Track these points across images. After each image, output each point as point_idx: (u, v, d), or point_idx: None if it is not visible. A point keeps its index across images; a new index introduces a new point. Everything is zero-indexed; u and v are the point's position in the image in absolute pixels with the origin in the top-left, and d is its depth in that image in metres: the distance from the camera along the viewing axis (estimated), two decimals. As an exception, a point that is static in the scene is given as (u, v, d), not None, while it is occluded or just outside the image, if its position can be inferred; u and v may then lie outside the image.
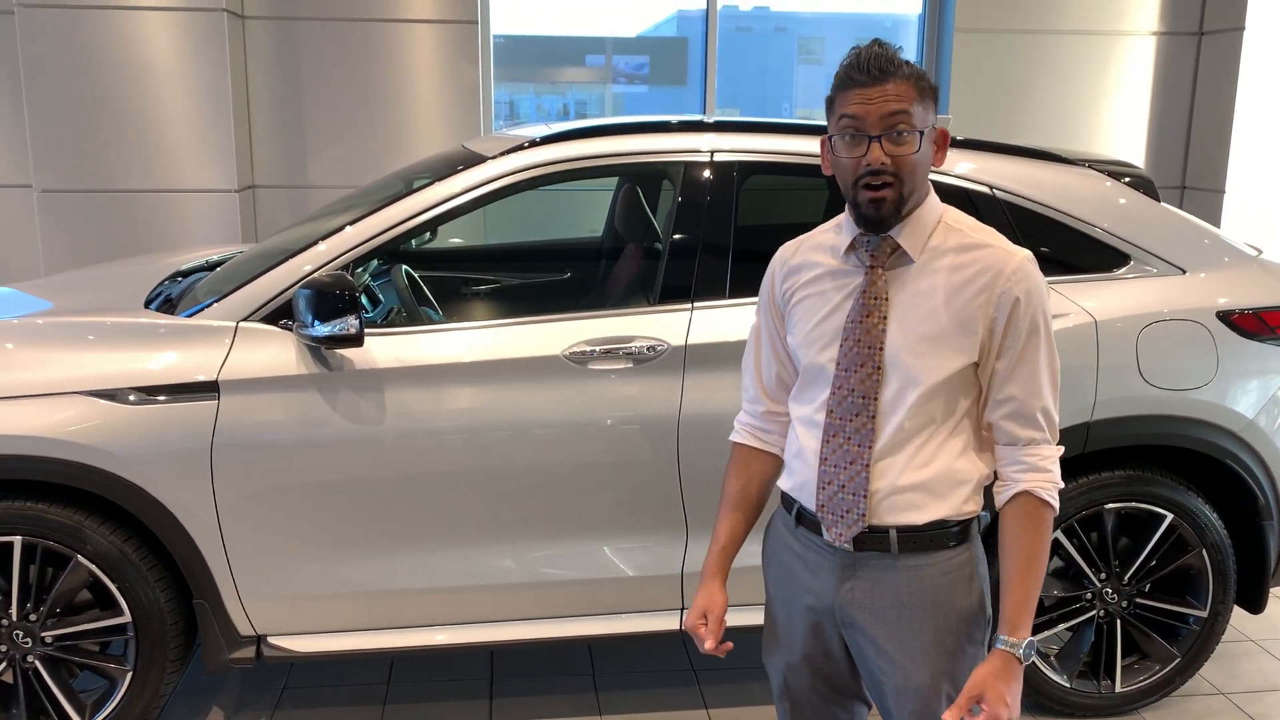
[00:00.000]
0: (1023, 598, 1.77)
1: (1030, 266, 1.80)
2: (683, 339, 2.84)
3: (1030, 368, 1.77)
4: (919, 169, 1.76)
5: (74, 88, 5.54)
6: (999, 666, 1.74)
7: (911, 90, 1.72)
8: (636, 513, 2.90)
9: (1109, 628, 3.12)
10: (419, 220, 2.86)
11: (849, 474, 1.80)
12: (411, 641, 2.93)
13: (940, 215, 1.82)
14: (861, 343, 1.79)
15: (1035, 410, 1.78)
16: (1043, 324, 1.78)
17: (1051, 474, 1.79)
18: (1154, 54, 6.88)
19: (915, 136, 1.72)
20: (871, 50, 1.74)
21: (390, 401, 2.75)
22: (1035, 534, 1.78)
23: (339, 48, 6.18)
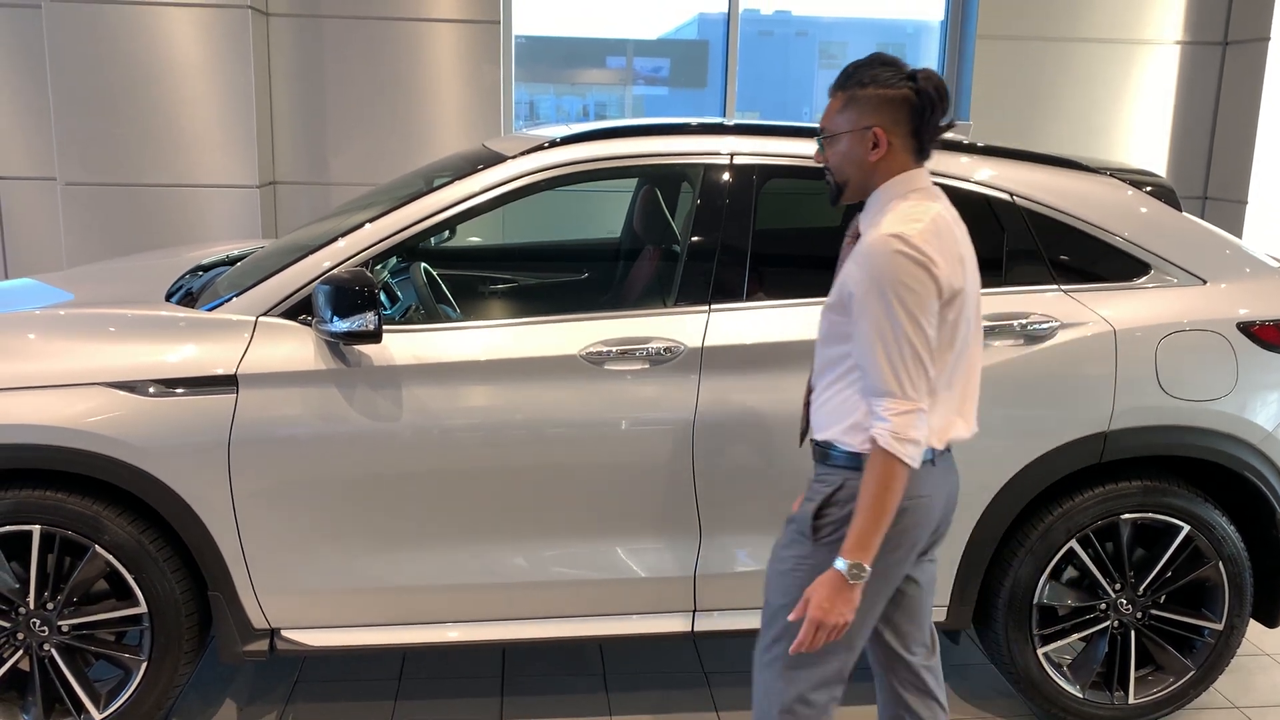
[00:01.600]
0: (857, 525, 2.05)
1: (877, 245, 2.02)
2: (699, 341, 2.84)
3: (865, 333, 2.03)
4: (841, 166, 2.15)
5: (99, 82, 5.59)
6: (824, 577, 2.07)
7: (838, 102, 2.14)
8: (650, 514, 2.90)
9: (1123, 639, 3.10)
10: (439, 219, 2.88)
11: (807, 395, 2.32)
12: (423, 638, 2.95)
13: (889, 203, 2.11)
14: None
15: (873, 367, 2.03)
16: (876, 295, 2.01)
17: (891, 425, 2.00)
18: (1178, 63, 6.84)
19: (831, 141, 2.15)
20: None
21: (407, 398, 2.76)
22: (872, 474, 2.04)
23: (361, 45, 6.21)
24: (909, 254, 1.99)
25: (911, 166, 2.15)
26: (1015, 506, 2.97)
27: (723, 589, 2.97)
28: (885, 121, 2.10)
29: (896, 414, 2.00)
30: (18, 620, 2.78)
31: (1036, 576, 3.01)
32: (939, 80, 2.10)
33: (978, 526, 2.97)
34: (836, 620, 2.06)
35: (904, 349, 2.00)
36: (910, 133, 2.12)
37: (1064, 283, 3.00)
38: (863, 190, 2.16)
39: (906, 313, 2.00)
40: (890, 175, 2.13)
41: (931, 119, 2.11)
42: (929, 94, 2.08)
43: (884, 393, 2.02)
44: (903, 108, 2.09)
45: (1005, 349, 2.91)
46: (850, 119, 2.11)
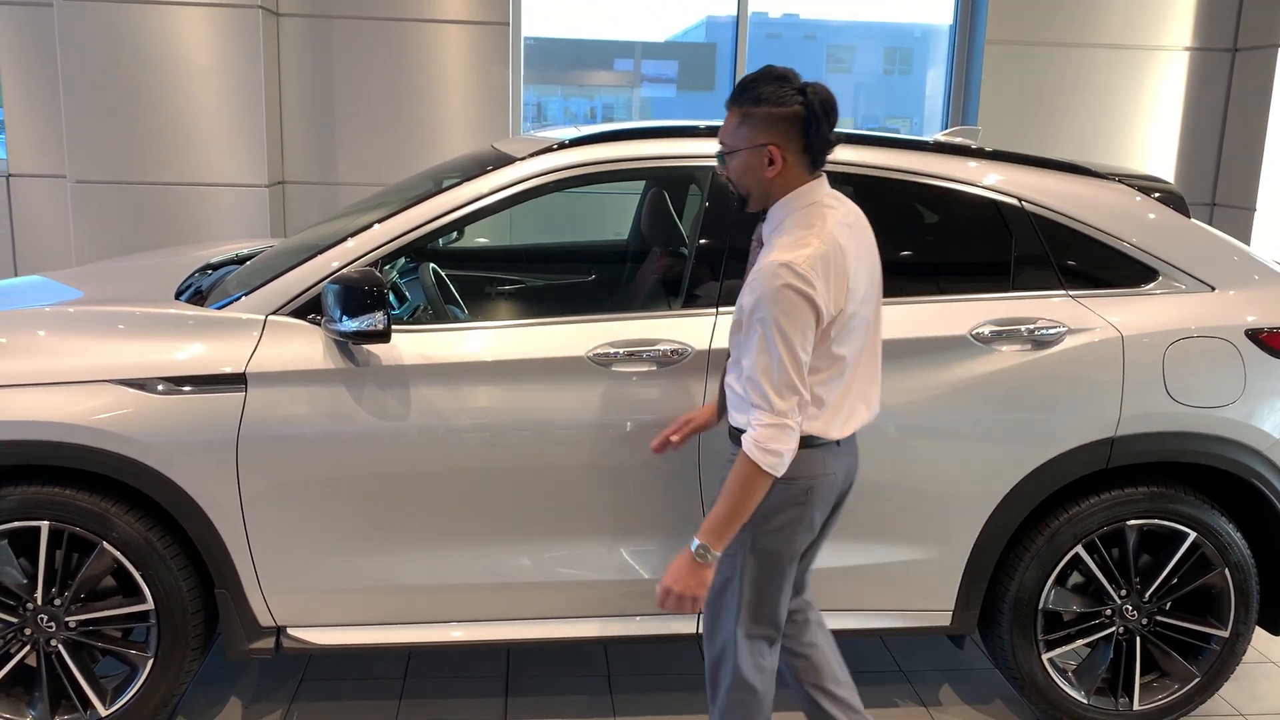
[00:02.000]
0: (715, 511, 2.25)
1: (766, 270, 2.18)
2: (707, 343, 2.84)
3: (751, 348, 2.21)
4: (742, 180, 2.31)
5: (109, 80, 5.61)
6: (681, 554, 2.26)
7: (734, 117, 2.27)
8: (656, 515, 2.90)
9: (1128, 645, 3.10)
10: (448, 219, 2.88)
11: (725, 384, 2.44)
12: (429, 637, 2.96)
13: (787, 214, 2.28)
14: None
15: (752, 383, 2.21)
16: (759, 313, 2.19)
17: (756, 435, 2.20)
18: (1187, 70, 6.83)
19: (730, 156, 2.29)
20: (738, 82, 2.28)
21: (415, 398, 2.77)
22: (735, 472, 2.23)
23: (371, 46, 6.23)
24: (793, 285, 2.16)
25: (806, 179, 2.30)
26: (1021, 511, 2.97)
27: (728, 591, 2.97)
28: (779, 139, 2.24)
29: (764, 426, 2.19)
30: (25, 616, 2.79)
31: (1042, 582, 3.01)
32: (827, 93, 2.25)
33: (984, 531, 2.97)
34: (684, 592, 2.24)
35: (778, 371, 2.18)
36: (802, 148, 2.26)
37: (1072, 288, 3.00)
38: (764, 201, 2.33)
39: (783, 339, 2.17)
40: (787, 189, 2.29)
41: (820, 132, 2.25)
42: (815, 109, 2.22)
43: (756, 405, 2.21)
44: (794, 124, 2.22)
45: (1012, 354, 2.91)
46: (746, 136, 2.25)
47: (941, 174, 3.04)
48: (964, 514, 2.96)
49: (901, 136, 3.25)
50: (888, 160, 3.04)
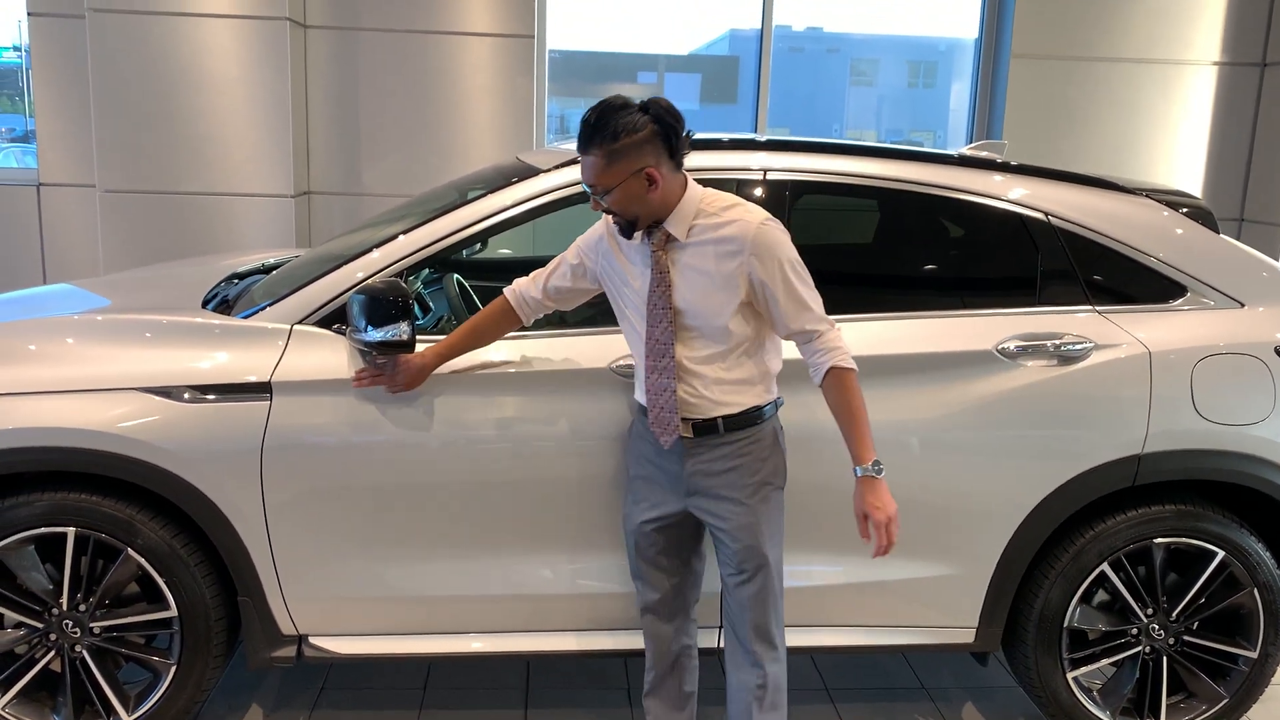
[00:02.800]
0: (857, 436, 2.46)
1: (763, 232, 2.40)
2: (728, 355, 2.83)
3: (788, 297, 2.42)
4: (628, 208, 2.42)
5: (138, 91, 5.67)
6: (863, 486, 2.46)
7: (599, 159, 2.38)
8: (679, 528, 2.89)
9: (1155, 665, 3.06)
10: (472, 230, 2.89)
11: (664, 399, 2.50)
12: (449, 648, 2.95)
13: (697, 204, 2.45)
14: (657, 305, 2.46)
15: (806, 319, 2.44)
16: (786, 268, 2.41)
17: (840, 348, 2.45)
18: (1215, 84, 6.79)
19: (607, 194, 2.40)
20: (582, 121, 2.40)
21: (439, 408, 2.78)
22: (848, 390, 2.45)
23: (397, 58, 6.27)
24: (780, 226, 2.45)
25: (682, 179, 2.48)
26: (1046, 528, 2.94)
27: (750, 605, 2.95)
28: (650, 160, 2.38)
29: (838, 339, 2.46)
30: (50, 621, 2.80)
31: (1067, 599, 2.99)
32: (668, 104, 2.40)
33: (1009, 547, 2.94)
34: (894, 509, 2.46)
35: (814, 293, 2.47)
36: (668, 156, 2.41)
37: (1099, 304, 2.98)
38: (654, 217, 2.45)
39: (803, 268, 2.47)
40: (674, 195, 2.45)
41: (679, 139, 2.41)
42: (668, 121, 2.38)
43: (817, 329, 2.45)
44: (656, 141, 2.38)
45: (1038, 369, 2.89)
46: (619, 169, 2.37)
47: (967, 188, 3.03)
48: (988, 530, 2.94)
49: (926, 150, 3.25)
50: (913, 174, 3.03)
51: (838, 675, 3.54)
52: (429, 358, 2.72)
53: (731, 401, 2.51)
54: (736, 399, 2.51)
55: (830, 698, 3.41)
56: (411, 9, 6.24)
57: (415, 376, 2.71)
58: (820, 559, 2.95)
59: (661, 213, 2.44)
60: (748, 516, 2.55)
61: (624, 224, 2.46)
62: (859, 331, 2.90)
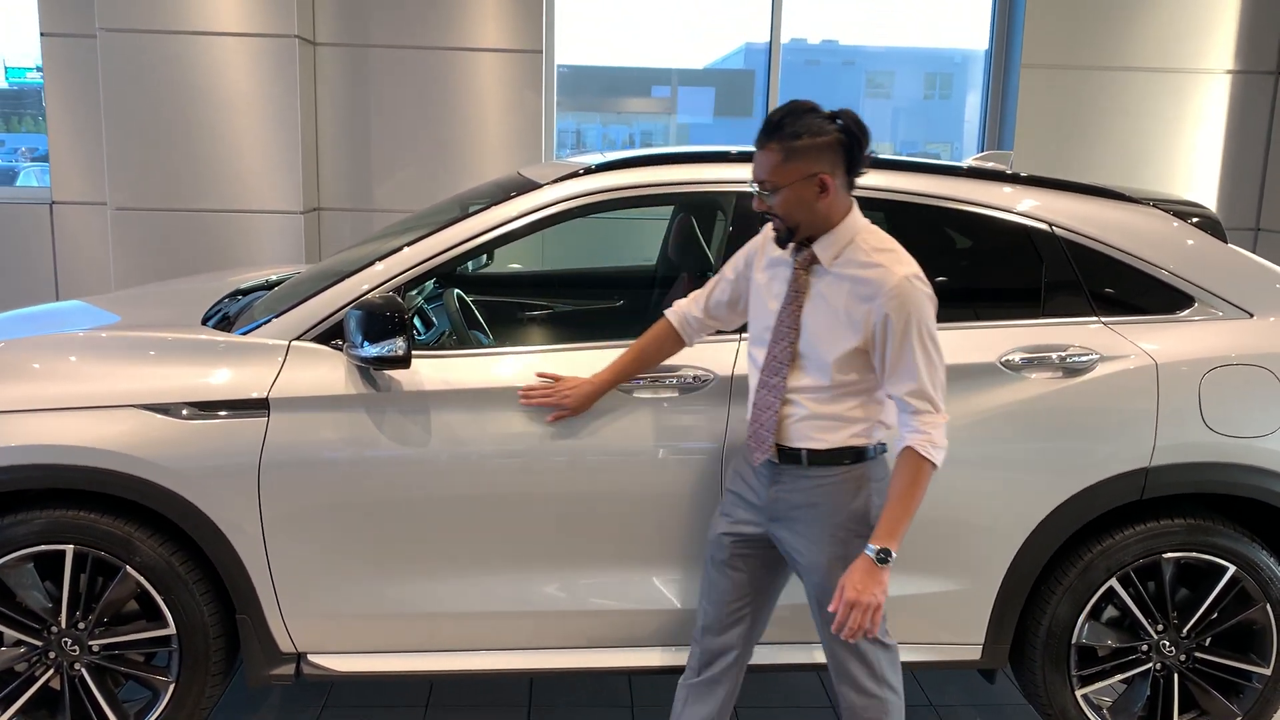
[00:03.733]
0: (889, 516, 2.35)
1: (904, 286, 2.30)
2: (729, 369, 2.81)
3: (906, 362, 2.32)
4: (791, 212, 2.35)
5: (149, 110, 5.71)
6: (855, 565, 2.35)
7: (775, 154, 2.32)
8: (680, 543, 2.87)
9: (1166, 682, 3.00)
10: (472, 245, 2.88)
11: (766, 417, 2.46)
12: (451, 665, 2.93)
13: (854, 235, 2.37)
14: (784, 324, 2.42)
15: (915, 392, 2.33)
16: (913, 329, 2.31)
17: (929, 435, 2.34)
18: (1229, 92, 6.73)
19: (775, 190, 2.33)
20: (766, 118, 2.35)
21: (437, 424, 2.76)
22: (907, 474, 2.34)
23: (406, 75, 6.30)
24: (930, 296, 2.35)
25: (849, 202, 2.40)
26: (1053, 543, 2.90)
27: (752, 622, 2.92)
28: (826, 166, 2.32)
29: (936, 427, 2.34)
30: (50, 639, 2.80)
31: (1075, 615, 2.94)
32: (857, 117, 2.33)
33: (1014, 563, 2.90)
34: (870, 601, 2.31)
35: (938, 374, 2.36)
36: (845, 171, 2.35)
37: (1105, 315, 2.94)
38: (814, 229, 2.38)
39: (935, 345, 2.35)
40: (839, 212, 2.37)
41: (860, 155, 2.35)
42: (854, 133, 2.32)
43: (920, 410, 2.34)
44: (837, 150, 2.32)
45: (1043, 381, 2.85)
46: (793, 169, 2.31)
47: (971, 199, 3.00)
48: (994, 545, 2.90)
49: (931, 161, 3.23)
50: (918, 185, 3.01)
51: (844, 692, 3.49)
52: (597, 383, 2.70)
53: (820, 437, 2.43)
54: (826, 435, 2.43)
55: (836, 715, 3.36)
56: (420, 26, 6.27)
57: (584, 400, 2.70)
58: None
59: (821, 227, 2.37)
60: (819, 556, 2.45)
61: (782, 230, 2.39)
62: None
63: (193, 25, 5.69)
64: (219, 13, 5.72)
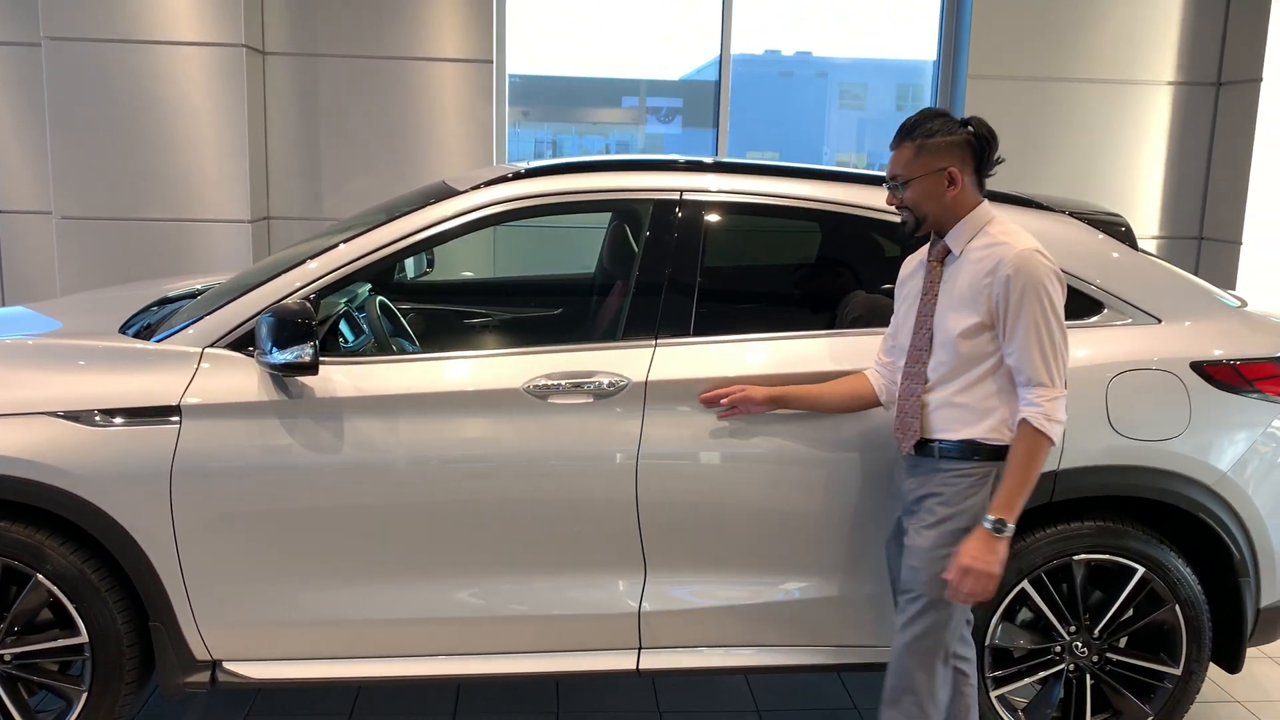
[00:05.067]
0: (1005, 487, 2.45)
1: (1025, 255, 2.43)
2: (644, 375, 2.83)
3: (1023, 329, 2.42)
4: (921, 204, 2.53)
5: (95, 119, 5.69)
6: (975, 533, 2.47)
7: (909, 151, 2.52)
8: (595, 549, 2.89)
9: (1079, 682, 3.04)
10: (387, 252, 2.90)
11: (910, 405, 2.59)
12: (373, 672, 2.93)
13: (984, 225, 2.53)
14: (923, 314, 2.58)
15: (1030, 362, 2.42)
16: (1030, 296, 2.41)
17: (1042, 409, 2.41)
18: (1171, 104, 6.83)
19: (908, 184, 2.53)
20: (901, 123, 2.57)
21: (349, 431, 2.77)
22: (1022, 446, 2.44)
23: (357, 84, 6.31)
24: (1055, 270, 2.46)
25: (979, 198, 2.56)
26: (965, 545, 2.93)
27: (669, 626, 2.94)
28: (956, 162, 2.50)
29: (1050, 399, 2.42)
30: (-39, 648, 2.78)
31: (988, 617, 2.97)
32: (987, 124, 2.54)
33: (926, 566, 2.93)
34: (985, 569, 2.42)
35: (1058, 348, 2.44)
36: (974, 169, 2.54)
37: (1015, 321, 2.98)
38: (941, 223, 2.55)
39: (1057, 319, 2.45)
40: (966, 206, 2.54)
41: (990, 156, 2.55)
42: (984, 135, 2.53)
43: (1036, 383, 2.43)
44: (967, 149, 2.52)
45: (953, 386, 2.88)
46: (925, 163, 2.50)
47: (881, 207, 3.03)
48: (906, 548, 2.92)
49: (847, 171, 3.26)
50: (834, 195, 3.05)
51: (771, 696, 3.52)
52: (775, 395, 2.78)
53: (950, 429, 2.54)
54: (956, 427, 2.53)
55: (760, 718, 3.39)
56: (370, 35, 6.28)
57: (757, 409, 2.80)
58: (737, 578, 2.94)
59: (950, 219, 2.53)
60: (922, 541, 2.56)
61: (910, 221, 2.56)
62: (781, 350, 2.91)
63: (138, 34, 5.68)
64: (165, 22, 5.71)
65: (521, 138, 7.38)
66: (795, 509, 2.89)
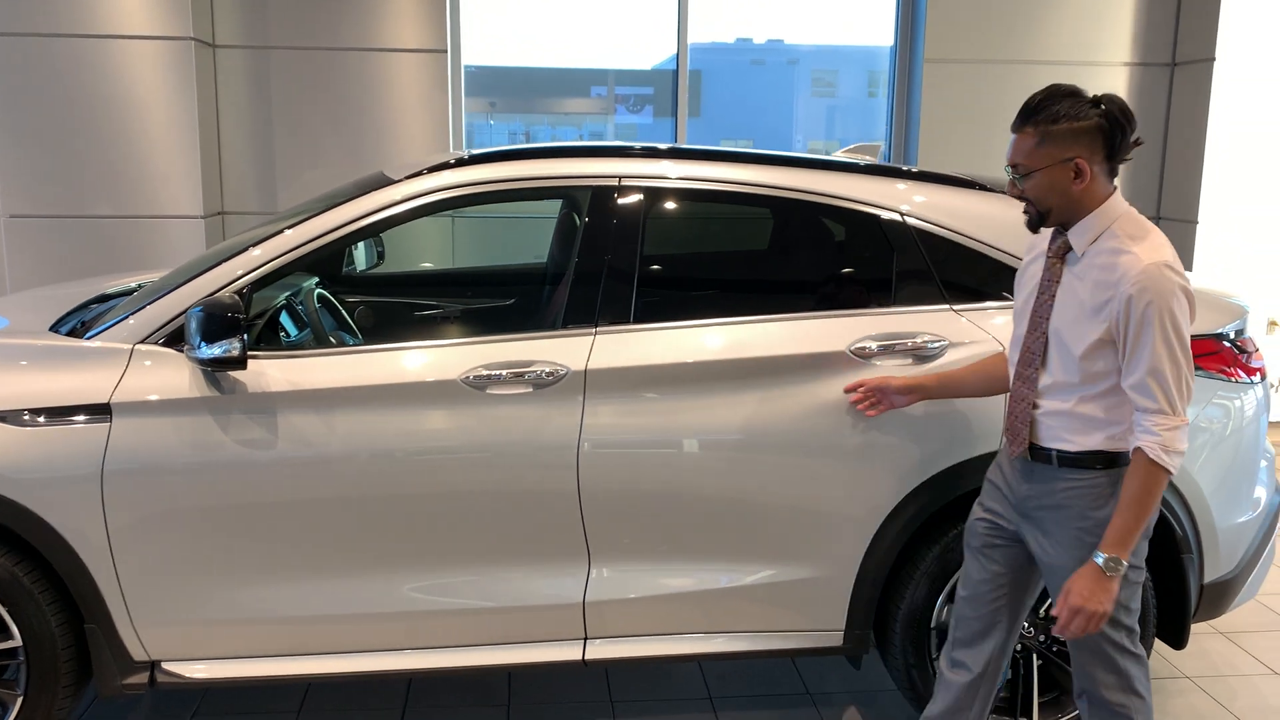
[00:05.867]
0: (1118, 524, 2.25)
1: (1152, 271, 2.18)
2: (583, 364, 2.81)
3: (1143, 352, 2.19)
4: (1044, 196, 2.29)
5: (43, 114, 5.61)
6: (1083, 571, 2.28)
7: (1030, 137, 2.27)
8: (538, 540, 2.86)
9: (1026, 662, 3.05)
10: (319, 243, 2.86)
11: (1021, 409, 2.41)
12: (311, 669, 2.90)
13: (1110, 223, 2.27)
14: (1038, 313, 2.37)
15: (1149, 386, 2.20)
16: (1155, 318, 2.17)
17: (1160, 438, 2.20)
18: (1127, 84, 6.86)
19: (1029, 174, 2.28)
20: (1024, 102, 2.31)
21: (283, 426, 2.73)
22: (1136, 479, 2.23)
23: (311, 76, 6.24)
24: (1185, 288, 2.22)
25: (1109, 189, 2.30)
26: (909, 528, 2.92)
27: (614, 616, 2.92)
28: (1084, 151, 2.24)
29: (1170, 428, 2.20)
30: (-108, 655, 2.74)
31: (933, 599, 2.97)
32: (1123, 103, 2.25)
33: (870, 549, 2.93)
34: (1096, 609, 2.24)
35: (1182, 373, 2.21)
36: (1105, 158, 2.26)
37: (956, 302, 2.98)
38: (1067, 216, 2.31)
39: (1180, 341, 2.21)
40: (1095, 199, 2.28)
41: (1124, 141, 2.25)
42: (1117, 118, 2.23)
43: (1155, 409, 2.21)
44: (1096, 136, 2.23)
45: (894, 369, 2.88)
46: (1049, 153, 2.25)
47: (824, 191, 3.03)
48: (849, 532, 2.93)
49: (786, 155, 3.24)
50: (769, 179, 3.03)
51: (723, 683, 3.52)
52: (913, 383, 2.72)
53: (1071, 438, 2.35)
54: (1077, 437, 2.34)
55: (713, 706, 3.38)
56: (322, 27, 6.22)
57: (899, 400, 2.75)
58: (680, 566, 2.92)
59: (1076, 214, 2.29)
60: (1063, 559, 2.38)
61: (1033, 215, 2.34)
62: (715, 336, 2.90)
63: (84, 28, 5.60)
64: (112, 16, 5.63)
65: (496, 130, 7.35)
66: (739, 496, 2.87)
